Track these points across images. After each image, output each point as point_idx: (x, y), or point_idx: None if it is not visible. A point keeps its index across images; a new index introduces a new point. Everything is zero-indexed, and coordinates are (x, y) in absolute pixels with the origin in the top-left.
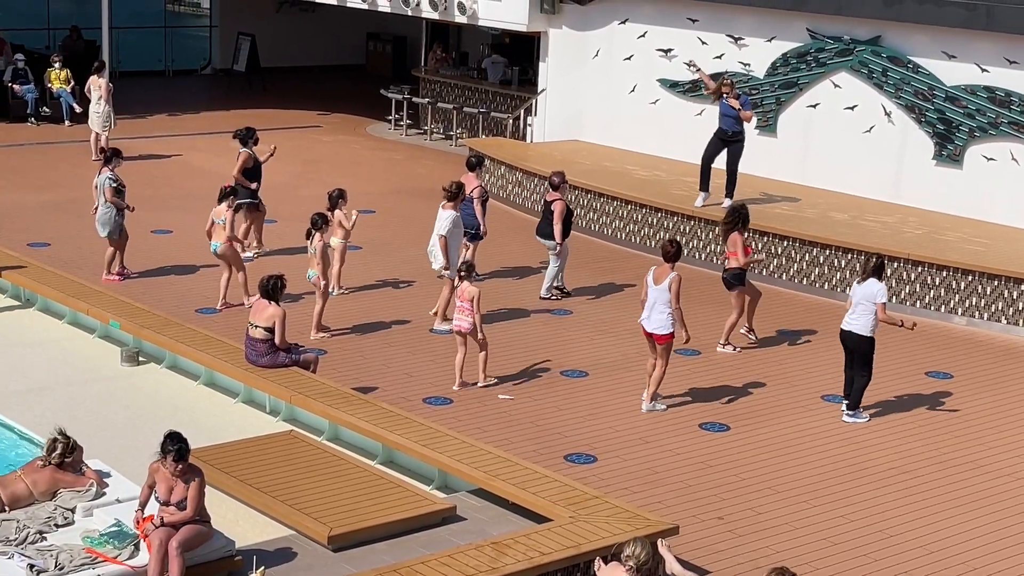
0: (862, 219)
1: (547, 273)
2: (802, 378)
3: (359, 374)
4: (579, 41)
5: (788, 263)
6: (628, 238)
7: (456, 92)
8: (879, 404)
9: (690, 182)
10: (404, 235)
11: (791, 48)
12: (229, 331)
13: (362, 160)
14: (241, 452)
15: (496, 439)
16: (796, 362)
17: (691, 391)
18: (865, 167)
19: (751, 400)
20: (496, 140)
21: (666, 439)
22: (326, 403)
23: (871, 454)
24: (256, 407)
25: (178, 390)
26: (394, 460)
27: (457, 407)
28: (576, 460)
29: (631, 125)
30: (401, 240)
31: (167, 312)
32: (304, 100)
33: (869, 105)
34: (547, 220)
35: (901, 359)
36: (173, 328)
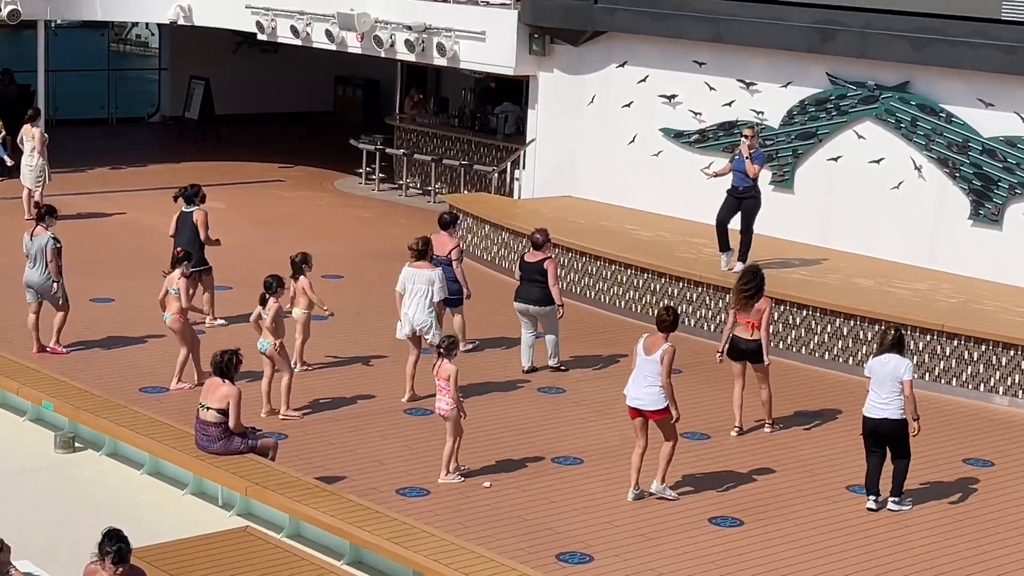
0: (890, 285)
1: (548, 342)
2: (824, 465)
3: (324, 461)
4: (572, 86)
5: (807, 335)
6: (628, 306)
7: (435, 142)
8: (910, 495)
9: (697, 243)
10: (375, 303)
11: (809, 94)
12: (178, 413)
13: (329, 219)
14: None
15: (479, 536)
16: (817, 447)
17: (699, 480)
18: (893, 227)
19: (767, 491)
20: (479, 196)
21: (671, 535)
22: (286, 495)
23: (902, 553)
24: (207, 500)
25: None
26: (363, 560)
27: (435, 499)
28: (569, 560)
29: (631, 179)
30: (372, 309)
31: (107, 392)
32: (264, 151)
33: (897, 158)
34: (531, 282)
35: (935, 444)
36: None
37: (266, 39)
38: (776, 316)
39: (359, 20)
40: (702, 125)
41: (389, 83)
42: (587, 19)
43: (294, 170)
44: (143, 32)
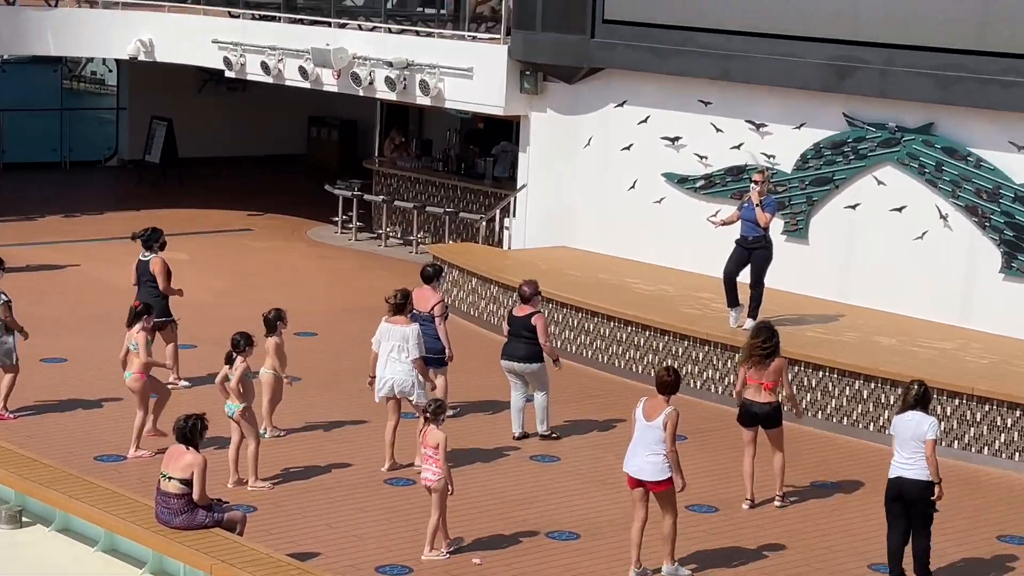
0: (915, 344)
1: (537, 405)
2: (843, 541)
3: (297, 536)
4: (567, 127)
5: (824, 398)
6: (628, 366)
7: (417, 188)
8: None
9: (704, 298)
10: (352, 363)
11: (825, 137)
12: (137, 484)
13: (302, 271)
14: None
15: None
16: (835, 521)
17: (708, 557)
18: (917, 281)
19: (782, 569)
20: (466, 246)
21: None
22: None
23: None
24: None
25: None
26: None
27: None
28: None
29: (631, 229)
30: (349, 369)
31: (59, 460)
32: (232, 198)
33: (921, 206)
34: (518, 339)
35: (966, 518)
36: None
37: (234, 76)
38: (790, 377)
39: (335, 56)
40: (708, 170)
41: (368, 124)
42: (583, 55)
43: (264, 218)
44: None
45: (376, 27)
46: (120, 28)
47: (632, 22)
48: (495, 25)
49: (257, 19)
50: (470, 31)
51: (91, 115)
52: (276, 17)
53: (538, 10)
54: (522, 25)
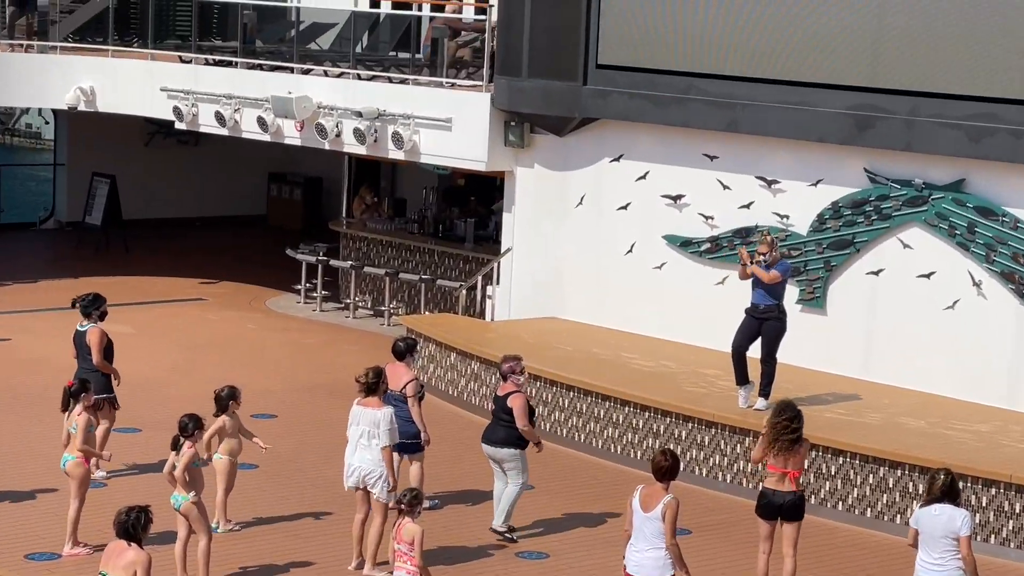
0: (946, 427)
1: (506, 494)
2: None
3: None
4: (557, 184)
5: (845, 487)
6: (625, 451)
7: (390, 252)
8: None
9: (709, 375)
10: (316, 448)
11: (844, 195)
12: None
13: (261, 345)
14: None
15: None
16: None
17: None
18: (947, 356)
19: None
20: (444, 318)
21: None
22: None
23: None
24: None
25: None
26: None
27: None
28: None
29: (628, 297)
30: (312, 456)
31: None
32: (182, 264)
33: (951, 272)
34: (498, 421)
35: None
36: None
37: (185, 128)
38: (806, 463)
39: (298, 105)
40: (714, 232)
41: (334, 181)
42: (574, 104)
43: (219, 286)
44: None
45: (344, 73)
46: (58, 75)
47: (629, 67)
48: (477, 71)
49: (211, 64)
50: (449, 77)
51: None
52: (232, 62)
53: (524, 54)
54: (507, 71)
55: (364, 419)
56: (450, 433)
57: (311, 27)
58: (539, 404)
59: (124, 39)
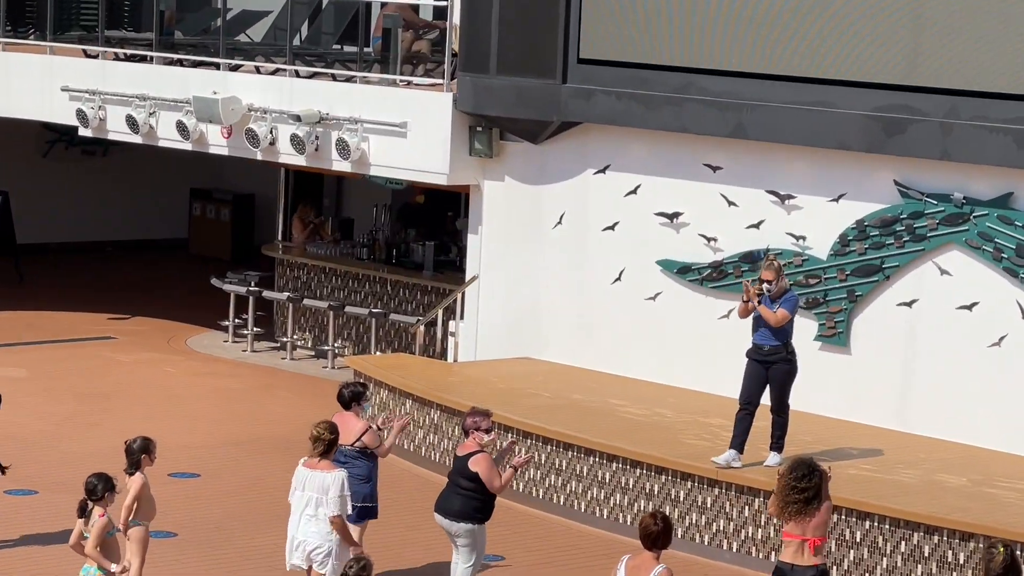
0: (991, 485)
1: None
2: None
3: None
4: (532, 201)
5: (873, 557)
6: (613, 515)
7: (335, 282)
8: None
9: (713, 425)
10: (246, 514)
11: (871, 212)
12: None
13: (181, 392)
14: None
15: None
16: None
17: None
18: (993, 401)
19: None
20: (399, 358)
21: None
22: None
23: None
24: None
25: None
26: None
27: None
28: None
29: (617, 334)
30: (241, 522)
31: None
32: (87, 297)
33: (997, 302)
34: (454, 487)
35: None
36: None
37: (91, 135)
38: None
39: (225, 108)
40: (718, 256)
41: (268, 198)
42: (552, 105)
43: (131, 323)
44: None
45: (279, 70)
46: None
47: (616, 62)
48: (437, 67)
49: (121, 59)
50: (404, 75)
51: None
52: (146, 57)
53: (493, 48)
54: (472, 67)
55: (311, 484)
56: (404, 496)
57: (240, 16)
58: None
59: (18, 30)
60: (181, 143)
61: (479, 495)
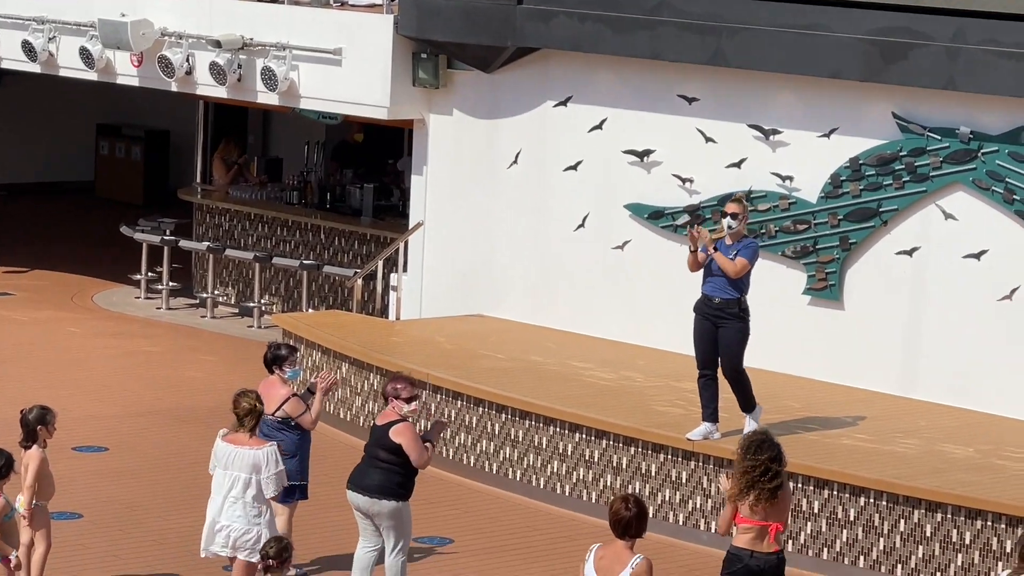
0: (1000, 455)
1: (388, 569)
2: None
3: None
4: (484, 137)
5: (869, 537)
6: (576, 492)
7: (261, 230)
8: None
9: (687, 391)
10: (161, 492)
11: (866, 149)
12: None
13: (86, 355)
14: None
15: None
16: None
17: None
18: (1002, 362)
19: None
20: (333, 316)
21: None
22: None
23: None
24: None
25: None
26: None
27: None
28: None
29: (580, 288)
30: (155, 502)
31: None
32: None
33: (1009, 250)
34: (372, 460)
35: None
36: None
37: None
38: (816, 506)
39: (134, 32)
40: (694, 199)
41: (185, 136)
42: (506, 29)
43: (30, 277)
44: None
45: None
46: None
47: None
48: None
49: None
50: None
51: None
52: None
53: None
54: None
55: (240, 462)
56: (338, 470)
57: None
58: (460, 430)
59: None
60: (85, 73)
61: (401, 470)
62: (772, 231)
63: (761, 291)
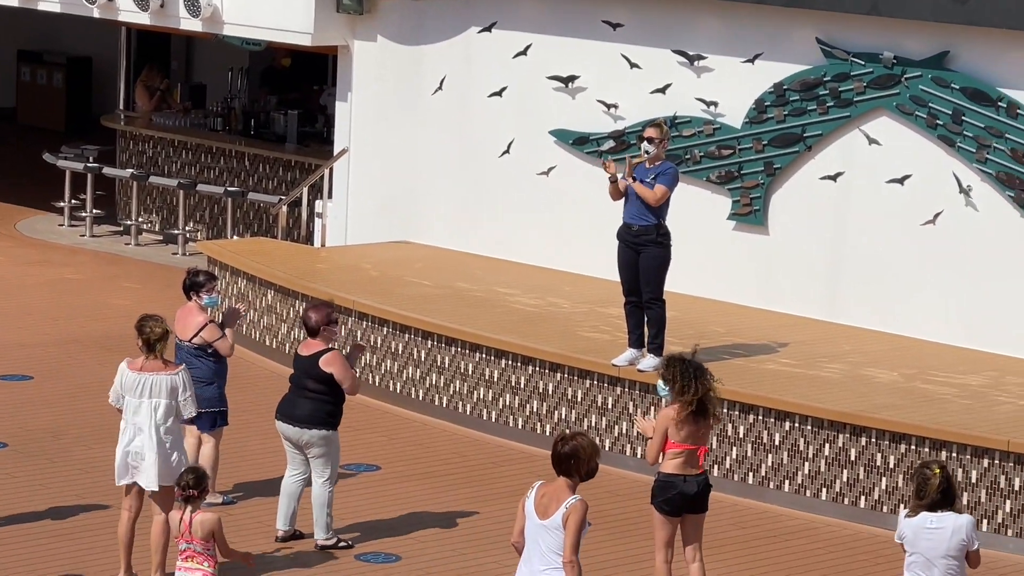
0: (924, 379)
1: (314, 497)
2: None
3: None
4: (409, 63)
5: (793, 461)
6: (503, 418)
7: (185, 157)
8: None
9: (613, 317)
10: (87, 421)
11: (790, 74)
12: None
13: (9, 284)
14: None
15: None
16: None
17: None
18: (927, 285)
19: None
20: (258, 243)
21: None
22: None
23: None
24: None
25: None
26: None
27: None
28: None
29: (505, 215)
30: (80, 430)
31: None
32: None
33: (932, 175)
34: (300, 391)
35: None
36: None
37: None
38: (741, 431)
39: None
40: (619, 124)
41: (108, 63)
42: None
43: None
44: None
45: None
46: None
47: None
48: None
49: None
50: None
51: None
52: None
53: None
54: None
55: (156, 388)
56: (265, 399)
57: None
58: (387, 357)
59: None
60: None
61: (331, 399)
62: (697, 156)
63: (686, 217)
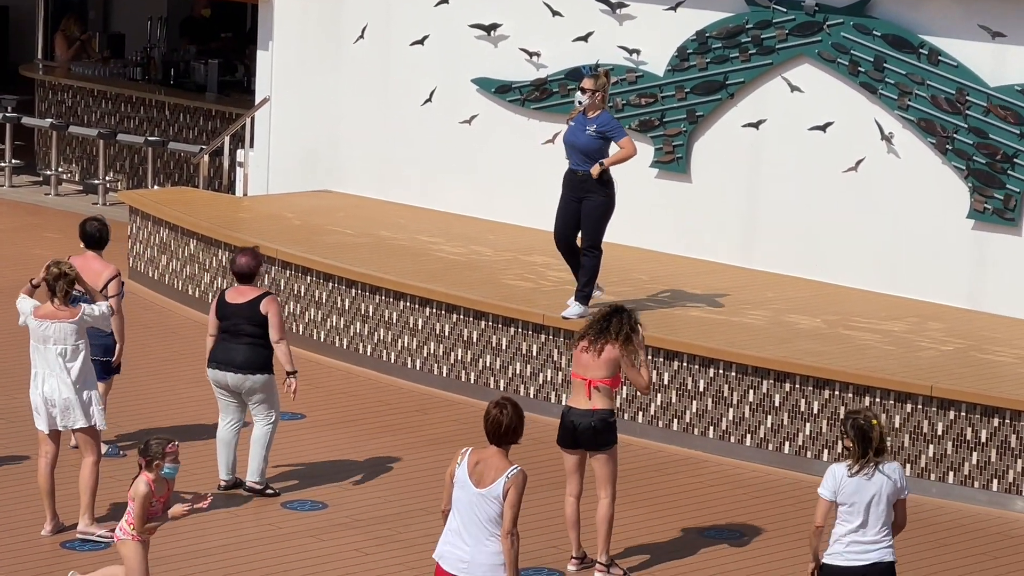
0: (846, 326)
1: (254, 438)
2: None
3: None
4: (330, 11)
5: (717, 408)
6: (427, 366)
7: (105, 107)
8: None
9: (537, 264)
10: (8, 371)
11: (712, 22)
12: None
13: None
14: None
15: None
16: None
17: None
18: (848, 232)
19: None
20: (180, 193)
21: None
22: None
23: None
24: None
25: None
26: None
27: None
28: None
29: (427, 163)
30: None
31: None
32: None
33: (854, 122)
34: (234, 337)
35: None
36: None
37: None
38: (665, 378)
39: None
40: (541, 72)
41: (26, 11)
42: None
43: None
44: None
45: None
46: None
47: None
48: None
49: None
50: None
51: None
52: None
53: None
54: None
55: (58, 334)
56: (187, 348)
57: None
58: (310, 306)
59: None
60: None
61: (267, 343)
62: (619, 105)
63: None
